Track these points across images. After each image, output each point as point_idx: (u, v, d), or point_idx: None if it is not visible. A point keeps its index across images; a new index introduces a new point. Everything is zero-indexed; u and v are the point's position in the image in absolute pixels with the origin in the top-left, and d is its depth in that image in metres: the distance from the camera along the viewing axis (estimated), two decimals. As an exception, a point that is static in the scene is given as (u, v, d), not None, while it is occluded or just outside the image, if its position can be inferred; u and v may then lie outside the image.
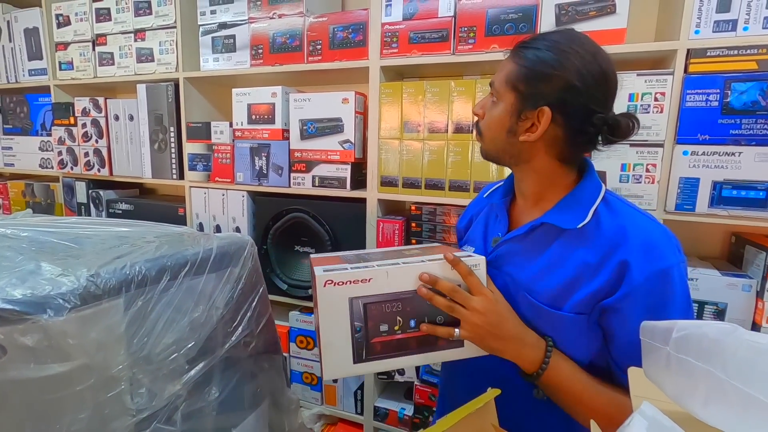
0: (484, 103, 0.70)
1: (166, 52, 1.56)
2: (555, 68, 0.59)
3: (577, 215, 0.63)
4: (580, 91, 0.59)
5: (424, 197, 1.26)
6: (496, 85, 0.66)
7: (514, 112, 0.63)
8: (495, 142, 0.67)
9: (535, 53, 0.62)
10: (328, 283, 0.60)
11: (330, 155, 1.35)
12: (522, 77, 0.62)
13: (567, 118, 0.61)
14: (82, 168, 1.79)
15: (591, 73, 0.59)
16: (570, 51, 0.60)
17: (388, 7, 1.21)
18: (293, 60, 1.36)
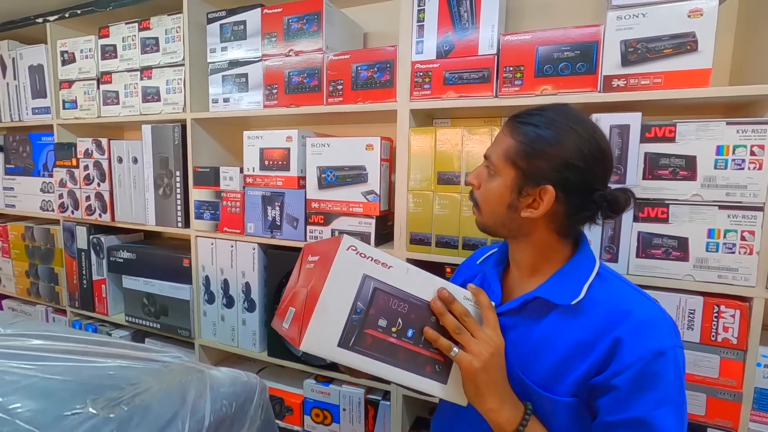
0: (480, 173, 0.69)
1: (173, 91, 1.44)
2: (556, 147, 0.60)
3: (571, 290, 0.63)
4: (581, 170, 0.60)
5: (461, 259, 1.08)
6: (493, 158, 0.66)
7: (515, 187, 0.63)
8: (494, 215, 0.67)
9: (535, 130, 0.62)
10: (352, 248, 0.57)
11: (352, 207, 1.19)
12: (522, 154, 0.62)
13: (569, 195, 0.61)
14: (83, 212, 1.67)
15: (591, 151, 0.60)
16: (569, 129, 0.60)
17: (419, 44, 1.07)
18: (311, 101, 1.22)
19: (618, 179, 0.90)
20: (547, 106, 0.65)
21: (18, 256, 1.92)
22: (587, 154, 0.59)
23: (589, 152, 0.60)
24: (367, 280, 0.57)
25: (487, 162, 0.67)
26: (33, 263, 1.88)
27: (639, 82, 0.88)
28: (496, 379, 0.59)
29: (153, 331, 1.60)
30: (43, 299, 1.88)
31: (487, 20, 1.00)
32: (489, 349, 0.59)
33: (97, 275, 1.70)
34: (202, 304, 1.49)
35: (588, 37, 0.91)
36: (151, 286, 1.56)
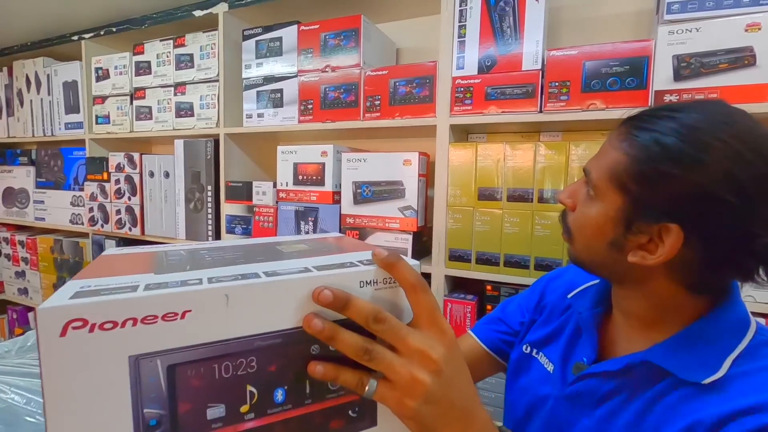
0: (575, 190, 0.52)
1: (207, 106, 1.45)
2: (691, 169, 0.40)
3: (705, 361, 0.43)
4: (733, 207, 0.39)
5: (503, 276, 1.06)
6: (594, 176, 0.48)
7: (621, 220, 0.45)
8: (590, 251, 0.50)
9: (658, 140, 0.42)
10: (76, 325, 0.27)
11: (388, 223, 1.17)
12: (636, 175, 0.43)
13: (707, 241, 0.41)
14: (113, 226, 1.67)
15: (753, 178, 0.39)
16: (717, 143, 0.40)
17: (459, 59, 1.06)
18: (347, 116, 1.21)
19: (672, 196, 0.87)
20: (686, 103, 0.45)
21: (46, 269, 1.94)
22: (745, 181, 0.39)
23: (749, 179, 0.39)
24: (143, 362, 0.30)
25: (587, 178, 0.50)
26: (61, 276, 1.89)
27: (693, 97, 0.86)
28: (452, 401, 0.35)
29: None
30: (70, 312, 1.88)
31: (531, 36, 0.99)
32: (430, 365, 0.34)
33: (125, 289, 1.70)
34: (231, 320, 1.47)
35: (638, 51, 0.90)
36: (180, 301, 1.55)
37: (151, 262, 0.39)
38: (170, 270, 0.35)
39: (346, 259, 0.39)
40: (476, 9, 1.04)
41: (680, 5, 0.86)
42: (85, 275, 0.34)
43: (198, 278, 0.33)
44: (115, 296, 0.29)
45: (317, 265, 0.36)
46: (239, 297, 0.31)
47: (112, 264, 0.39)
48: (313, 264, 0.37)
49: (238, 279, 0.32)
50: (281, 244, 0.48)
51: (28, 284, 2.03)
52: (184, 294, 0.30)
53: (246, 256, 0.41)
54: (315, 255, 0.41)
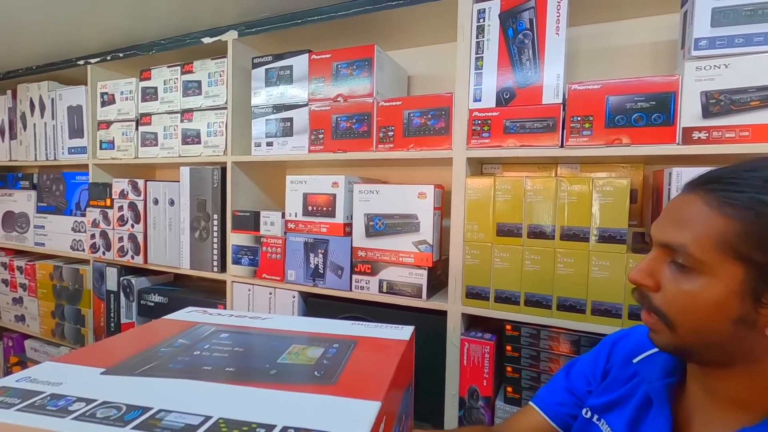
0: (653, 268, 0.48)
1: (214, 134, 1.42)
2: None
3: None
4: None
5: (523, 316, 1.01)
6: (692, 250, 0.43)
7: (749, 293, 0.41)
8: (705, 334, 0.44)
9: (758, 198, 0.40)
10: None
11: (402, 257, 1.13)
12: (759, 240, 0.40)
13: None
14: (114, 254, 1.63)
15: None
16: None
17: (476, 91, 1.04)
18: (359, 147, 1.18)
19: (703, 237, 0.83)
20: (752, 162, 0.44)
21: (45, 296, 1.89)
22: None
23: None
24: None
25: (670, 251, 0.46)
26: (60, 303, 1.84)
27: (723, 134, 0.83)
28: None
29: (182, 380, 1.53)
30: (68, 341, 1.82)
31: (551, 68, 0.96)
32: None
33: (126, 318, 1.65)
34: (235, 353, 1.42)
35: (664, 87, 0.87)
36: (183, 332, 1.50)
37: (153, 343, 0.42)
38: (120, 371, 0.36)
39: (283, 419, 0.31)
40: (494, 41, 1.02)
41: (708, 41, 0.83)
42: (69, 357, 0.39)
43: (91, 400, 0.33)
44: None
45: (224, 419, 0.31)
46: None
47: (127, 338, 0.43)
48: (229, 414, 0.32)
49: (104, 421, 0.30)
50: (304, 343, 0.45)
51: (25, 311, 1.98)
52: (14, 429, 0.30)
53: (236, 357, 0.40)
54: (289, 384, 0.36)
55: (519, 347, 1.03)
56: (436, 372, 1.11)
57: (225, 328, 0.48)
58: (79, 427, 0.29)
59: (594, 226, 0.94)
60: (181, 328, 0.48)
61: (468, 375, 1.07)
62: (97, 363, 0.39)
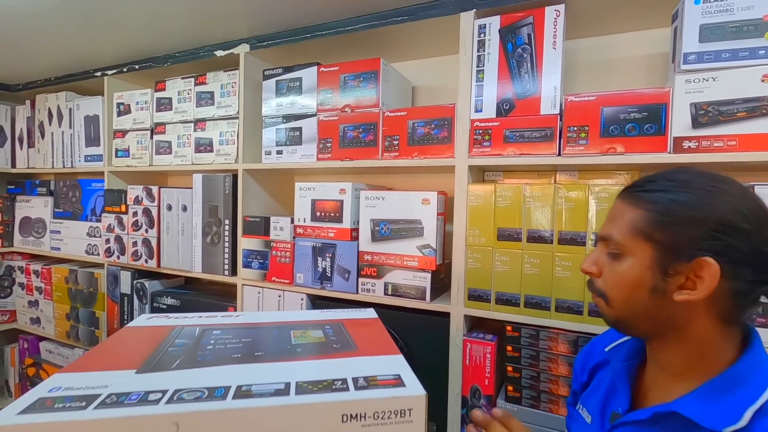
0: (596, 258, 0.58)
1: (226, 142, 1.48)
2: (704, 209, 0.49)
3: (727, 412, 0.47)
4: (748, 233, 0.48)
5: (523, 317, 1.05)
6: (618, 239, 0.54)
7: (657, 266, 0.51)
8: (632, 304, 0.54)
9: (666, 195, 0.51)
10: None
11: (406, 261, 1.18)
12: (659, 224, 0.51)
13: (736, 267, 0.48)
14: (129, 258, 1.69)
15: (753, 210, 0.48)
16: (713, 189, 0.50)
17: (478, 102, 1.09)
18: (366, 155, 1.24)
19: (694, 241, 0.87)
20: (669, 171, 0.54)
21: (60, 299, 1.95)
22: (749, 213, 0.48)
23: (750, 211, 0.48)
24: None
25: (607, 243, 0.56)
26: (74, 306, 1.90)
27: (712, 144, 0.88)
28: None
29: (193, 380, 1.58)
30: (82, 343, 1.88)
31: (549, 81, 1.01)
32: None
33: (139, 320, 1.70)
34: (245, 354, 1.46)
35: (656, 99, 0.92)
36: (194, 334, 1.55)
37: (153, 347, 0.40)
38: (154, 368, 0.36)
39: (345, 373, 0.36)
40: (494, 55, 1.07)
41: (696, 56, 0.88)
42: (76, 366, 0.36)
43: (163, 390, 0.32)
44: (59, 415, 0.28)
45: (302, 381, 0.34)
46: (191, 426, 0.29)
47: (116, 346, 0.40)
48: (301, 377, 0.35)
49: (201, 398, 0.31)
50: (299, 328, 0.48)
51: (40, 314, 2.04)
52: (129, 420, 0.29)
53: (251, 345, 0.41)
54: (321, 355, 0.40)
55: (519, 347, 1.07)
56: (440, 372, 1.15)
57: (210, 327, 0.48)
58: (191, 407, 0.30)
59: (590, 231, 0.98)
60: (161, 331, 0.45)
61: (470, 374, 1.11)
62: (116, 367, 0.37)
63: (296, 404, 0.31)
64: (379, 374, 0.35)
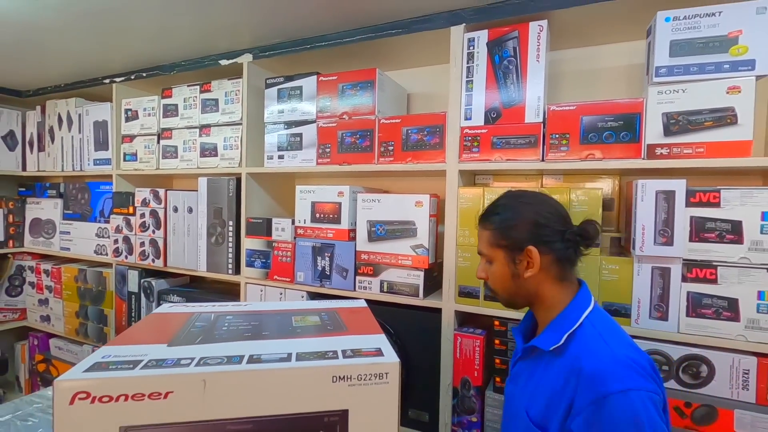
0: (483, 267, 0.85)
1: (230, 147, 1.56)
2: (519, 219, 0.78)
3: (554, 337, 0.73)
4: (544, 224, 0.76)
5: (509, 312, 1.12)
6: (485, 251, 0.83)
7: (509, 261, 0.79)
8: (508, 290, 0.81)
9: (498, 216, 0.80)
10: (81, 397, 0.35)
11: (401, 260, 1.25)
12: (499, 236, 0.80)
13: (548, 245, 0.76)
14: (136, 257, 1.76)
15: (544, 211, 0.78)
16: (520, 204, 0.80)
17: (467, 110, 1.16)
18: (363, 160, 1.31)
19: (665, 241, 0.94)
20: (498, 198, 0.84)
21: (69, 297, 2.02)
22: (541, 211, 0.77)
23: (543, 212, 0.77)
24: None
25: (483, 256, 0.84)
26: (83, 304, 1.97)
27: (682, 151, 0.95)
28: None
29: (198, 375, 1.65)
30: (91, 339, 1.95)
31: (533, 91, 1.08)
32: None
33: (146, 318, 1.77)
34: (248, 349, 1.53)
35: (630, 108, 0.99)
36: (199, 330, 1.62)
37: (178, 328, 0.48)
38: (181, 342, 0.44)
39: (336, 346, 0.44)
40: (482, 66, 1.14)
41: (667, 69, 0.95)
42: (118, 341, 0.44)
43: (191, 357, 0.40)
44: (114, 373, 0.36)
45: (301, 352, 0.42)
46: (215, 383, 0.37)
47: (147, 327, 0.48)
48: (300, 349, 0.43)
49: (222, 363, 0.38)
50: (299, 314, 0.56)
51: (50, 311, 2.11)
52: (167, 377, 0.37)
53: (258, 327, 0.49)
54: (317, 334, 0.48)
55: (506, 341, 1.14)
56: (432, 364, 1.22)
57: (223, 313, 0.56)
58: (215, 369, 0.38)
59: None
60: (182, 317, 0.54)
61: (460, 367, 1.18)
62: (150, 342, 0.44)
63: (296, 367, 0.39)
64: (364, 347, 0.43)
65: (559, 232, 0.76)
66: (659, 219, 0.95)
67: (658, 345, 0.97)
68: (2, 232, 2.15)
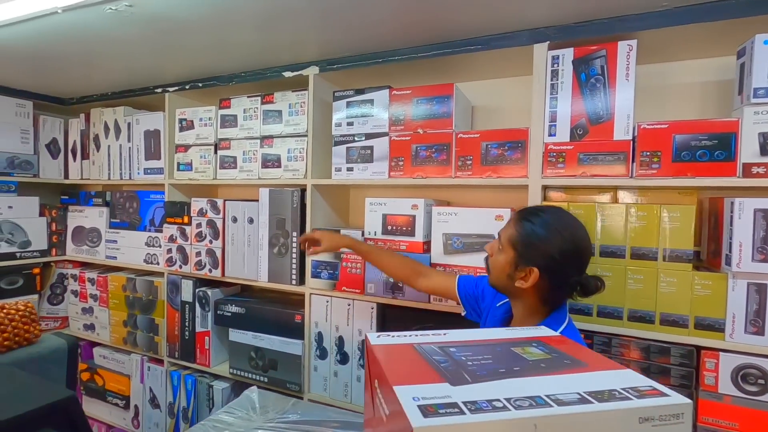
0: (493, 245, 0.93)
1: (294, 159, 1.57)
2: (544, 243, 0.82)
3: None
4: (560, 263, 0.81)
5: (596, 326, 1.14)
6: (502, 239, 0.89)
7: (513, 263, 0.85)
8: (498, 280, 0.90)
9: (532, 227, 0.84)
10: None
11: (480, 272, 1.26)
12: (521, 242, 0.85)
13: (550, 277, 0.82)
14: (191, 267, 1.76)
15: (568, 251, 0.82)
16: (555, 232, 0.82)
17: (551, 127, 1.18)
18: (439, 173, 1.32)
19: (764, 258, 0.97)
20: (546, 208, 0.88)
21: (116, 306, 2.02)
22: (566, 252, 0.81)
23: (567, 251, 0.81)
24: None
25: (499, 240, 0.90)
26: (132, 313, 1.97)
27: (779, 170, 0.97)
28: None
29: (257, 384, 1.65)
30: (140, 348, 1.95)
31: (622, 109, 1.10)
32: None
33: (201, 327, 1.77)
34: (313, 360, 1.55)
35: (726, 128, 1.01)
36: (260, 340, 1.63)
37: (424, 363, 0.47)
38: (458, 381, 0.43)
39: (610, 384, 0.44)
40: (567, 83, 1.16)
41: (765, 90, 0.97)
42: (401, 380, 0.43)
43: (496, 399, 0.40)
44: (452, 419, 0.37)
45: (590, 392, 0.42)
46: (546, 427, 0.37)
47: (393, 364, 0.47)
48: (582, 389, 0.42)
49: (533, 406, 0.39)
50: (516, 346, 0.55)
51: (95, 320, 2.11)
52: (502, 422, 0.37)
53: (498, 361, 0.49)
54: (566, 369, 0.47)
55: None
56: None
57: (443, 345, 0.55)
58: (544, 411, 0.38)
59: (662, 247, 1.07)
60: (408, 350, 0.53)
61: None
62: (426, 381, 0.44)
63: (614, 409, 0.39)
64: (637, 385, 0.43)
65: (565, 274, 0.82)
66: (758, 236, 0.97)
67: (753, 359, 0.99)
68: (45, 240, 2.14)
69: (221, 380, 1.79)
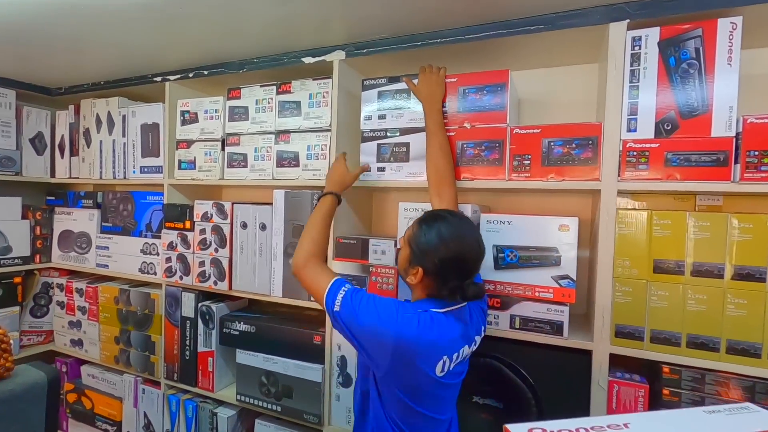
0: (402, 240, 0.96)
1: (315, 157, 1.37)
2: (431, 249, 0.86)
3: None
4: (440, 269, 0.86)
5: (685, 358, 0.96)
6: (405, 239, 0.93)
7: (408, 260, 0.90)
8: (400, 271, 0.95)
9: (425, 233, 0.88)
10: None
11: (539, 292, 1.08)
12: (415, 243, 0.89)
13: (432, 278, 0.88)
14: (194, 279, 1.56)
15: (450, 260, 0.85)
16: (441, 240, 0.86)
17: (631, 121, 0.99)
18: (490, 174, 1.13)
19: None
20: (447, 214, 0.91)
21: (107, 320, 1.80)
22: (447, 261, 0.85)
23: (448, 260, 0.85)
24: None
25: (404, 238, 0.95)
26: (125, 329, 1.76)
27: None
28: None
29: (269, 413, 1.45)
30: (134, 368, 1.74)
31: (722, 100, 0.92)
32: None
33: (204, 347, 1.57)
34: (334, 387, 1.35)
35: None
36: (273, 364, 1.43)
37: None
38: None
39: None
40: (652, 69, 0.97)
41: None
42: None
43: None
44: None
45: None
46: None
47: None
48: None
49: None
50: None
51: (83, 335, 1.89)
52: None
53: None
54: None
55: (679, 392, 0.97)
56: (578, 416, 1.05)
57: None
58: None
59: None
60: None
61: (618, 420, 1.01)
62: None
63: None
64: None
65: (447, 279, 0.86)
66: None
67: None
68: (28, 245, 1.92)
69: (226, 407, 1.58)
